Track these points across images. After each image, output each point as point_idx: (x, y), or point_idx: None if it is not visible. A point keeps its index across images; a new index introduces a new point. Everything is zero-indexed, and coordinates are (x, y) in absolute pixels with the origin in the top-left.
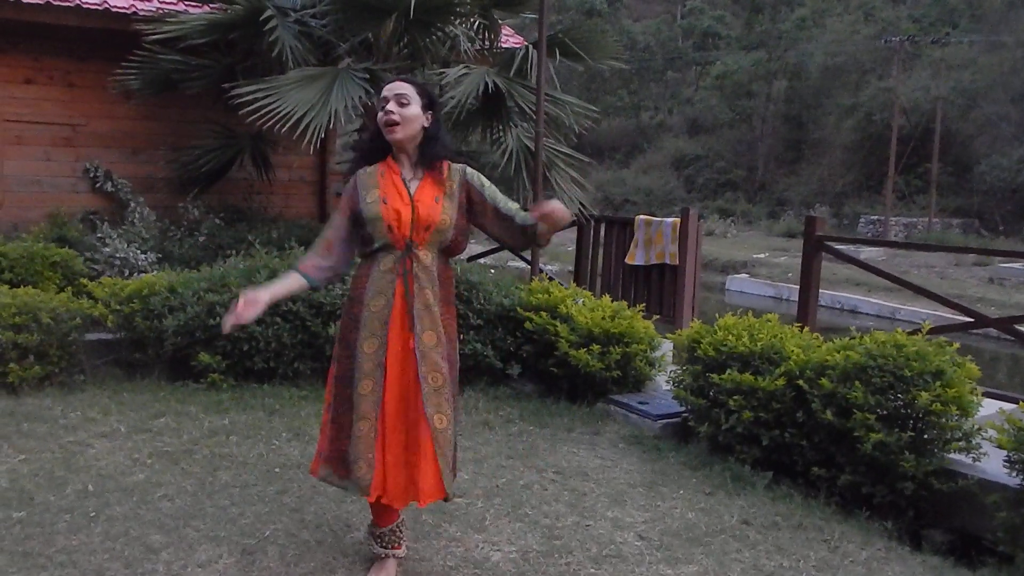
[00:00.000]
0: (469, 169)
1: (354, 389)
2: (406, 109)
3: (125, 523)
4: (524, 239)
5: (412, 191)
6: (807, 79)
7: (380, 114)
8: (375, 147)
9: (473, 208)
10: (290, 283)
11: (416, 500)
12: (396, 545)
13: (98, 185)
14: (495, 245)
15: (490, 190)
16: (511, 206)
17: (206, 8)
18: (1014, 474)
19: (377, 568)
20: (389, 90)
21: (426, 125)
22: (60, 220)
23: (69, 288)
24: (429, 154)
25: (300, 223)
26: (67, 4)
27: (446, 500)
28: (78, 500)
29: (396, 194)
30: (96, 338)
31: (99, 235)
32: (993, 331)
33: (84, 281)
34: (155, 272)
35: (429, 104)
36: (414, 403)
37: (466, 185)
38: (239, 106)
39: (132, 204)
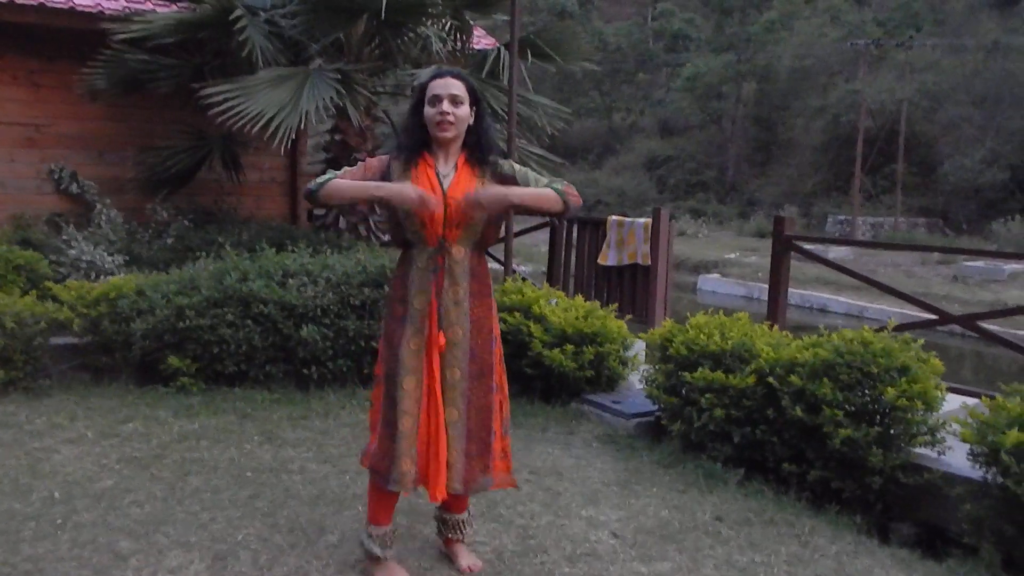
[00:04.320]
0: (504, 161)
1: (398, 387)
2: (460, 109)
3: (93, 530)
4: (561, 208)
5: (446, 187)
6: (776, 81)
7: (431, 110)
8: (417, 141)
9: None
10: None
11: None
12: (463, 532)
13: (63, 187)
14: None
15: (522, 174)
16: (542, 184)
17: (174, 7)
18: (977, 467)
19: (455, 553)
20: (443, 88)
21: (471, 123)
22: (24, 222)
23: (34, 292)
24: (476, 150)
25: (271, 224)
26: (30, 2)
27: (468, 492)
28: (44, 507)
29: (429, 189)
30: (62, 342)
31: (65, 237)
32: (957, 328)
33: (49, 284)
34: (123, 275)
35: (474, 101)
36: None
37: (499, 178)
38: (208, 107)
39: (99, 206)
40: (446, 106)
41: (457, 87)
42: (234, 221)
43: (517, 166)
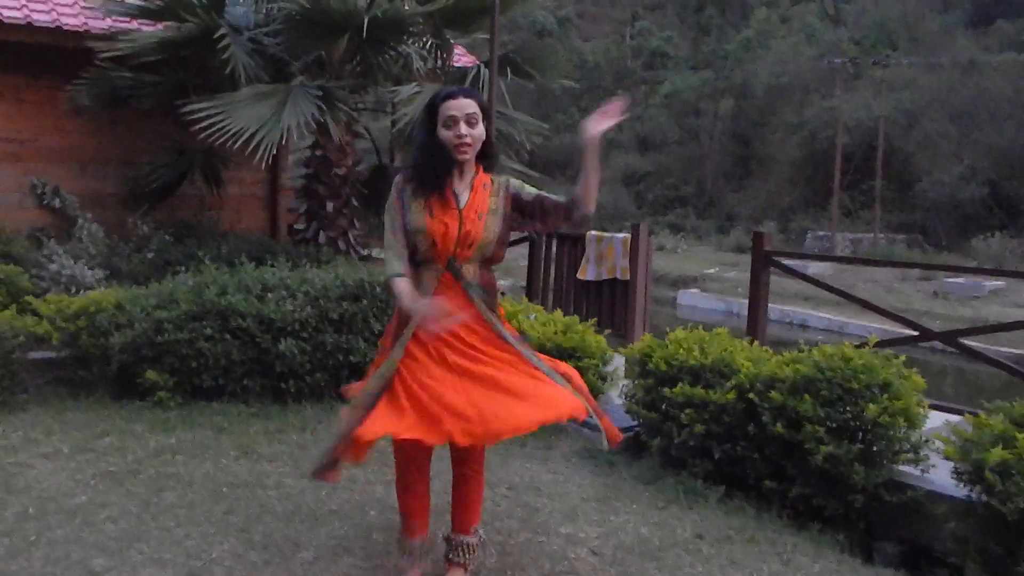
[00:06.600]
0: (512, 180)
1: None
2: (476, 129)
3: (66, 546)
4: (577, 214)
5: (462, 205)
6: (753, 98)
7: (448, 133)
8: (439, 164)
9: (524, 213)
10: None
11: None
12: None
13: (45, 201)
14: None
15: (530, 190)
16: (554, 195)
17: (159, 26)
18: (961, 485)
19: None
20: (458, 109)
21: (483, 138)
22: (5, 236)
23: (14, 306)
24: (486, 163)
25: (251, 238)
26: (17, 21)
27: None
28: (17, 523)
29: (442, 206)
30: (40, 356)
31: (45, 252)
32: (938, 344)
33: (29, 298)
34: (103, 289)
35: (484, 115)
36: None
37: (510, 197)
38: (191, 122)
39: (80, 220)
40: (463, 129)
41: (472, 107)
42: (214, 235)
43: (515, 181)
